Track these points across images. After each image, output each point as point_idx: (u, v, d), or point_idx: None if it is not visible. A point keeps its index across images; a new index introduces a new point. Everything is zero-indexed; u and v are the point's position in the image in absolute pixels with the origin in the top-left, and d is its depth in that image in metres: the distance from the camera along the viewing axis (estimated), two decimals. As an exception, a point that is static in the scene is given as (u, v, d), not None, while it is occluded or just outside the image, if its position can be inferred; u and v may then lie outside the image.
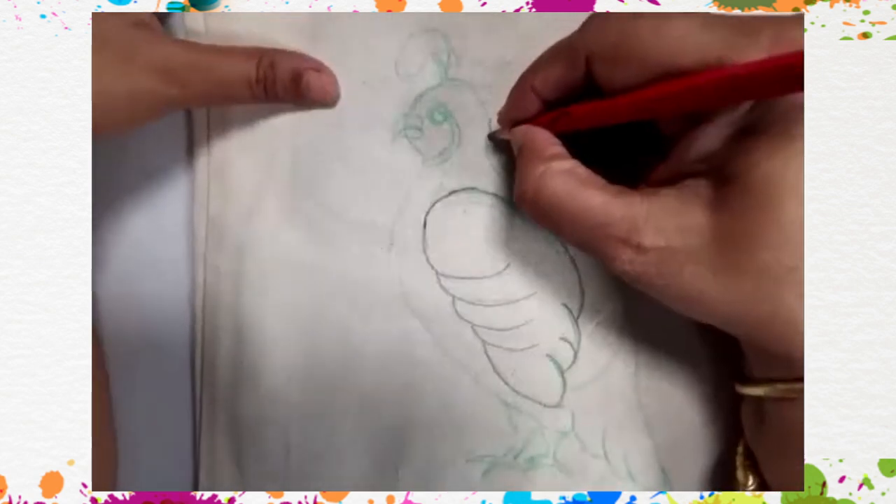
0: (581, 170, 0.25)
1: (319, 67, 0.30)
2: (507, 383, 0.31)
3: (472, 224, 0.31)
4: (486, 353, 0.31)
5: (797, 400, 0.24)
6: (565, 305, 0.31)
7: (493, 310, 0.31)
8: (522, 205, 0.26)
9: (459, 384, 0.31)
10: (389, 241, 0.31)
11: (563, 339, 0.31)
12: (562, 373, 0.31)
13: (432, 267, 0.31)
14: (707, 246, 0.23)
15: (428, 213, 0.31)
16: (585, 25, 0.25)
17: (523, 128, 0.28)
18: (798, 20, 0.22)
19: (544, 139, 0.26)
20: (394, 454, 0.32)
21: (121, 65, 0.27)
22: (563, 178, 0.25)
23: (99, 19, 0.27)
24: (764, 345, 0.24)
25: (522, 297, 0.31)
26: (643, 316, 0.31)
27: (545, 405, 0.31)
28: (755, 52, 0.21)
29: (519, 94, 0.28)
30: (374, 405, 0.31)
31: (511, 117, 0.29)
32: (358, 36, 0.31)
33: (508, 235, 0.31)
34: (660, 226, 0.23)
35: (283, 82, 0.29)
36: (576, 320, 0.31)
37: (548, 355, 0.31)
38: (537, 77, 0.27)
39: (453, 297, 0.31)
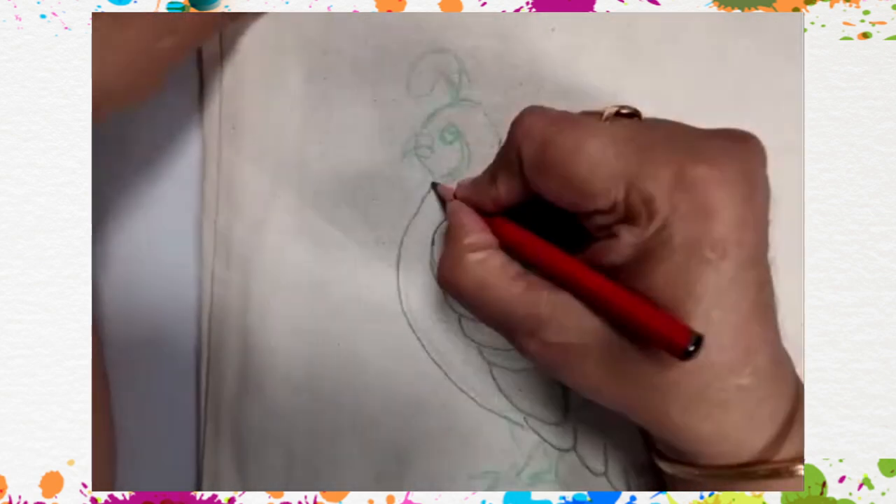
0: (496, 259, 0.26)
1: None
2: (511, 402, 0.31)
3: None
4: (491, 373, 0.31)
5: (701, 484, 0.25)
6: None
7: None
8: (441, 286, 0.27)
9: (463, 402, 0.31)
10: (397, 258, 0.31)
11: None
12: (565, 391, 0.31)
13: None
14: (601, 348, 0.24)
15: (436, 230, 0.31)
16: (516, 124, 0.25)
17: (455, 204, 0.28)
18: (706, 156, 0.22)
19: (469, 224, 0.27)
20: (396, 470, 0.31)
21: (111, 33, 0.26)
22: (475, 268, 0.25)
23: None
24: (656, 437, 0.25)
25: None
26: None
27: (548, 423, 0.31)
28: (655, 186, 0.22)
29: (477, 198, 0.27)
30: (378, 420, 0.31)
31: (461, 198, 0.28)
32: (370, 54, 0.31)
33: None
34: (561, 324, 0.24)
35: None
36: None
37: None
38: (490, 190, 0.27)
39: (460, 315, 0.31)
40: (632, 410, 0.24)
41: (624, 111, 0.25)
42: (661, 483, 0.30)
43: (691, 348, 0.21)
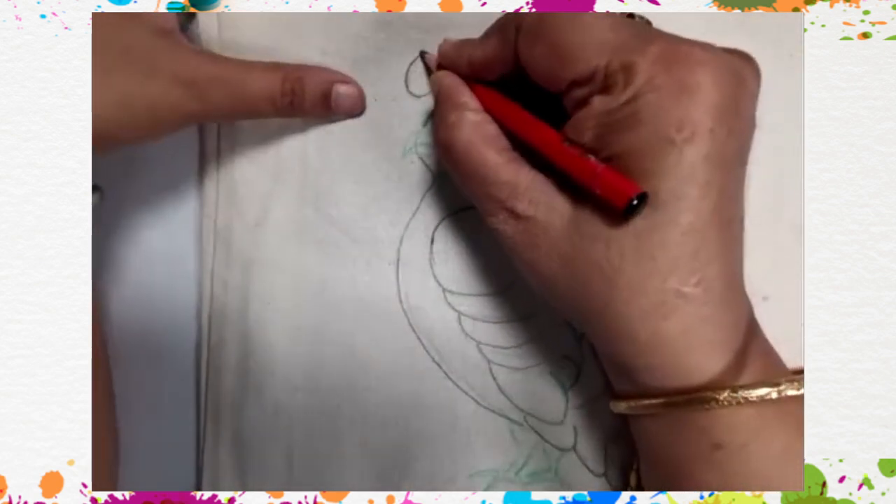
0: (490, 127, 0.26)
1: (346, 80, 0.30)
2: (510, 400, 0.31)
3: (480, 241, 0.31)
4: (490, 371, 0.31)
5: (650, 418, 0.24)
6: (569, 324, 0.31)
7: (499, 327, 0.31)
8: (438, 149, 0.27)
9: (463, 401, 0.31)
10: (396, 257, 0.31)
11: (567, 357, 0.31)
12: (565, 390, 0.31)
13: (439, 283, 0.31)
14: (562, 229, 0.24)
15: (436, 229, 0.31)
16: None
17: (442, 73, 0.29)
18: (701, 45, 0.23)
19: (457, 86, 0.28)
20: (397, 469, 0.31)
21: (144, 77, 0.27)
22: (471, 129, 0.26)
23: (120, 27, 0.27)
24: (599, 344, 0.25)
25: (527, 315, 0.31)
26: None
27: (548, 422, 0.31)
28: (639, 56, 0.22)
29: (457, 59, 0.28)
30: (378, 420, 0.31)
31: (446, 65, 0.29)
32: (369, 53, 0.31)
33: None
34: (534, 198, 0.25)
35: (312, 97, 0.29)
36: (579, 338, 0.31)
37: (551, 373, 0.31)
38: (476, 49, 0.27)
39: (459, 313, 0.31)
40: (579, 298, 0.24)
41: (636, 19, 0.26)
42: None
43: (635, 202, 0.21)
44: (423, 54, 0.30)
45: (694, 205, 0.22)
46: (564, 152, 0.24)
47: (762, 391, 0.22)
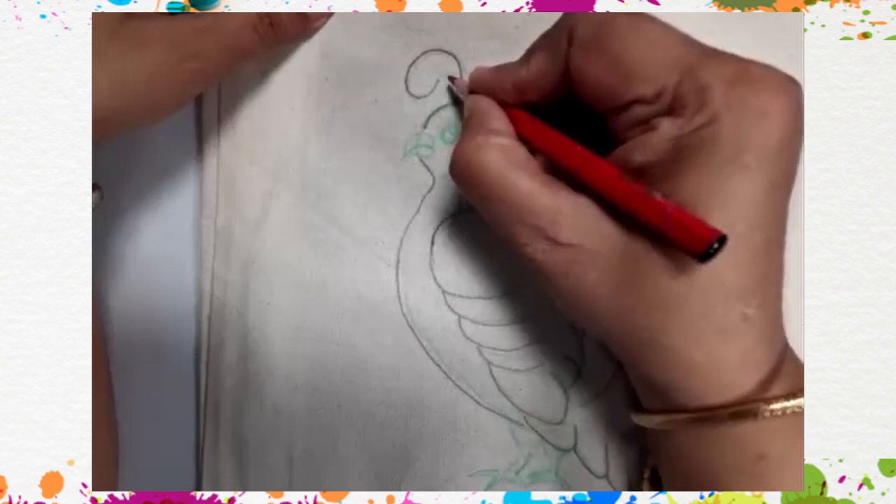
0: (520, 152, 0.25)
1: None
2: (511, 401, 0.31)
3: (481, 244, 0.31)
4: (490, 373, 0.31)
5: (684, 432, 0.24)
6: (570, 325, 0.31)
7: (499, 329, 0.31)
8: (452, 173, 0.26)
9: (463, 401, 0.31)
10: (396, 259, 0.31)
11: (568, 357, 0.31)
12: (565, 390, 0.31)
13: (439, 285, 0.31)
14: (610, 255, 0.23)
15: (436, 231, 0.31)
16: (571, 14, 0.24)
17: (476, 97, 0.27)
18: (770, 69, 0.22)
19: (491, 111, 0.26)
20: (397, 469, 0.32)
21: (138, 50, 0.26)
22: (498, 153, 0.24)
23: (109, 16, 0.27)
24: (643, 370, 0.24)
25: (528, 317, 0.31)
26: None
27: (549, 422, 0.31)
28: (713, 77, 0.21)
29: (496, 85, 0.27)
30: (378, 420, 0.31)
31: (480, 91, 0.28)
32: (370, 54, 0.31)
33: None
34: (578, 225, 0.23)
35: (288, 16, 0.29)
36: (580, 339, 0.31)
37: (552, 373, 0.31)
38: (520, 70, 0.26)
39: (459, 316, 0.31)
40: (627, 327, 0.23)
41: None
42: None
43: (715, 246, 0.20)
44: (451, 80, 0.30)
45: (765, 229, 0.22)
46: (627, 190, 0.22)
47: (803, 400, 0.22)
